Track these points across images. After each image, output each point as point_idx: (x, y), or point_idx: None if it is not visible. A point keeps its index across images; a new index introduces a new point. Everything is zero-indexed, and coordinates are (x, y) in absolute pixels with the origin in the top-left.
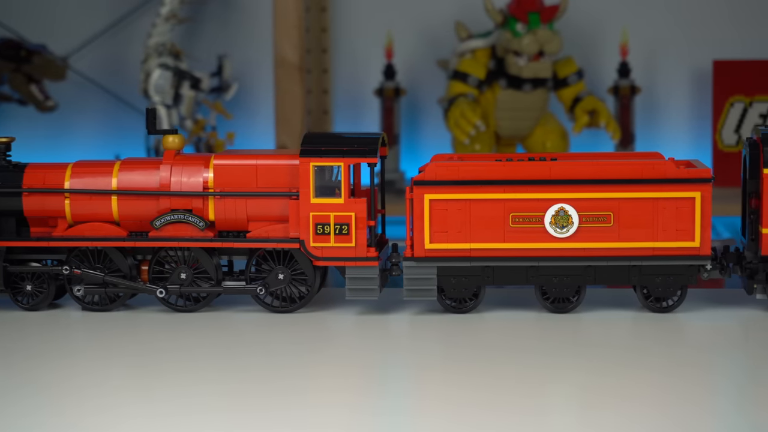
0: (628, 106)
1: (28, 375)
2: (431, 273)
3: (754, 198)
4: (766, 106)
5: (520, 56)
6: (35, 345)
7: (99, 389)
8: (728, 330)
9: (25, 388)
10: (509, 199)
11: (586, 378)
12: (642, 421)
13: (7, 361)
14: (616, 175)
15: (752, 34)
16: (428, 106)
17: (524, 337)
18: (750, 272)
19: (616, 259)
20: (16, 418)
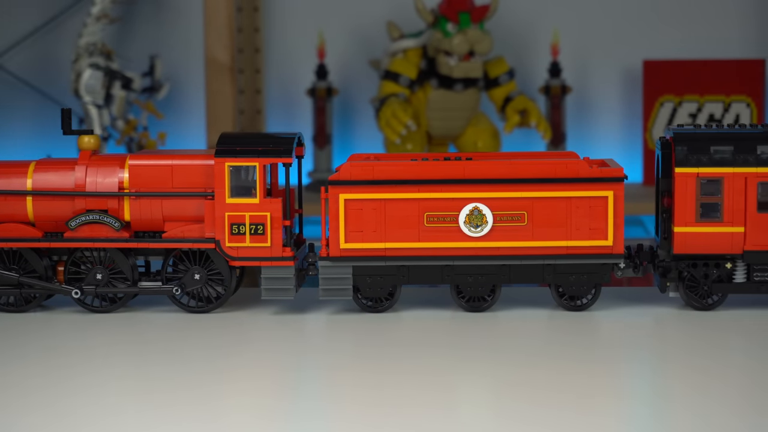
0: (559, 105)
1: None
2: (347, 273)
3: (666, 197)
4: (695, 105)
5: (450, 56)
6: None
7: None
8: (641, 327)
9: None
10: (424, 199)
11: (500, 376)
12: (552, 418)
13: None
14: (530, 174)
15: (682, 34)
16: (361, 106)
17: (440, 335)
18: (663, 270)
19: (530, 257)
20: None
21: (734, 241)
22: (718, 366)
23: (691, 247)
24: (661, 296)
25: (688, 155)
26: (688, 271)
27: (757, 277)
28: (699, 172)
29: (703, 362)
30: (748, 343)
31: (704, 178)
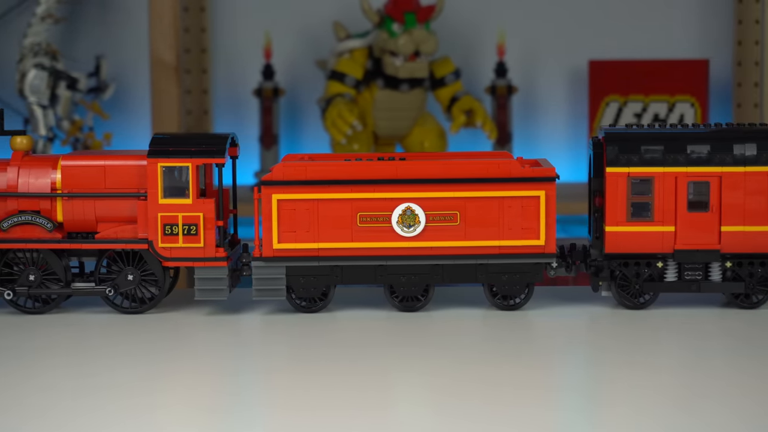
0: (505, 105)
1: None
2: (280, 273)
3: (598, 196)
4: (640, 105)
5: (396, 56)
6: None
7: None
8: (575, 326)
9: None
10: (356, 199)
11: (436, 375)
12: (489, 416)
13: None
14: (462, 174)
15: (627, 34)
16: (308, 106)
17: (375, 335)
18: (595, 270)
19: (462, 257)
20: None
21: (665, 240)
22: (650, 364)
23: (622, 247)
24: (594, 295)
25: (619, 155)
26: (619, 270)
27: (688, 276)
28: (630, 171)
29: (635, 360)
30: (680, 341)
31: (635, 177)
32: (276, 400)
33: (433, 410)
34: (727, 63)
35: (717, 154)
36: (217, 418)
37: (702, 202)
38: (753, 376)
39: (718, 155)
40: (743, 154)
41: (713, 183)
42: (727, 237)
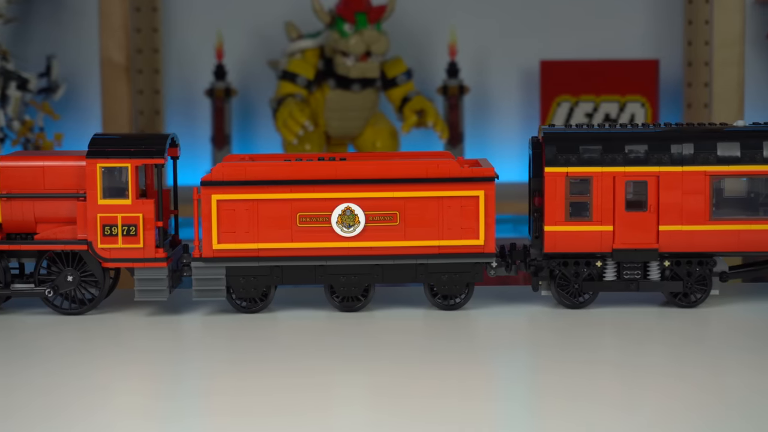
0: (457, 105)
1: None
2: (220, 273)
3: (537, 196)
4: (591, 105)
5: (347, 56)
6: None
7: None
8: (515, 325)
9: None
10: (296, 199)
11: (374, 374)
12: (429, 416)
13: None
14: (401, 174)
15: (578, 34)
16: (260, 106)
17: (316, 336)
18: (535, 269)
19: (402, 257)
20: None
21: (603, 239)
22: (590, 363)
23: (561, 246)
24: (534, 294)
25: (558, 155)
26: (559, 270)
27: (627, 275)
28: (568, 171)
29: (576, 359)
30: (619, 340)
31: (573, 177)
32: (215, 405)
33: (373, 411)
34: (677, 63)
35: (654, 153)
36: (155, 423)
37: (640, 201)
38: (691, 373)
39: (655, 155)
40: (680, 154)
41: (651, 183)
42: (665, 236)
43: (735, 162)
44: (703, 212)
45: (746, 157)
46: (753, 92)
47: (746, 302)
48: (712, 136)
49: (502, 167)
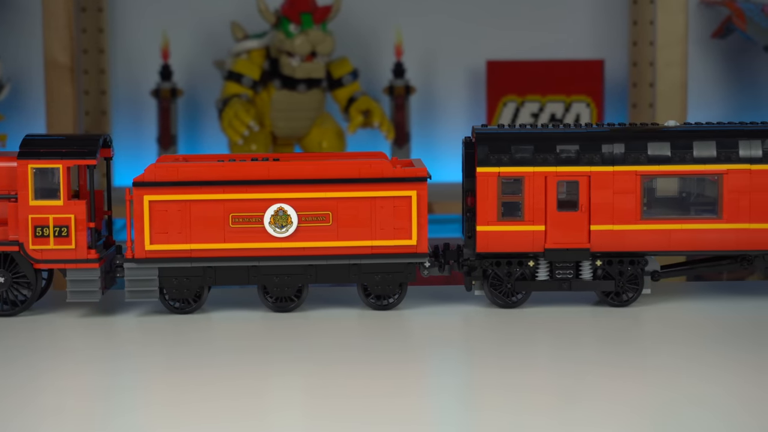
0: (403, 105)
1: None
2: (152, 274)
3: (470, 196)
4: (537, 105)
5: (293, 57)
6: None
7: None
8: (449, 325)
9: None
10: (228, 200)
11: (308, 375)
12: (364, 417)
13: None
14: (334, 174)
15: (524, 34)
16: (207, 107)
17: (250, 337)
18: (468, 269)
19: (335, 257)
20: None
21: (535, 239)
22: (524, 362)
23: (493, 246)
24: (467, 294)
25: (489, 155)
26: (491, 270)
27: (559, 275)
28: (500, 171)
29: (510, 358)
30: (553, 339)
31: (505, 177)
32: (148, 405)
33: (309, 412)
34: (622, 63)
35: (586, 153)
36: (85, 423)
37: (571, 201)
38: (623, 372)
39: (586, 155)
40: (611, 154)
41: (582, 182)
42: (597, 236)
43: (666, 162)
44: (634, 212)
45: (677, 156)
46: (698, 92)
47: (678, 301)
48: (643, 136)
49: (449, 167)
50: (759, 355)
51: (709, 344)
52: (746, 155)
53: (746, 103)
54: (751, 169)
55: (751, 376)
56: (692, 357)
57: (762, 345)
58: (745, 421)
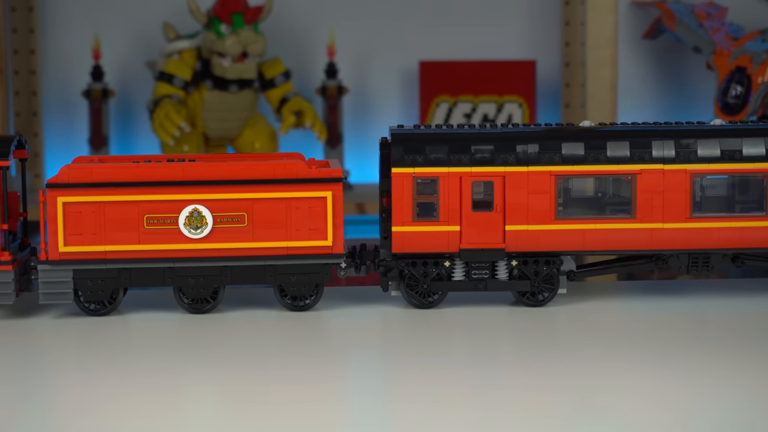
0: (336, 106)
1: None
2: (67, 276)
3: (385, 197)
4: (469, 105)
5: (224, 57)
6: None
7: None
8: (367, 326)
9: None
10: (143, 201)
11: (224, 376)
12: (275, 415)
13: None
14: (249, 175)
15: (457, 35)
16: (139, 108)
17: (165, 338)
18: (384, 270)
19: (251, 258)
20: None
21: (451, 239)
22: (441, 361)
23: (409, 247)
24: (384, 295)
25: (404, 155)
26: (408, 270)
27: (475, 275)
28: (415, 172)
29: (426, 357)
30: (469, 339)
31: (420, 177)
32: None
33: (224, 413)
34: (555, 64)
35: (500, 154)
36: None
37: (486, 201)
38: (539, 370)
39: (501, 155)
40: (526, 154)
41: (497, 183)
42: (512, 236)
43: (580, 162)
44: (549, 212)
45: (591, 157)
46: (629, 92)
47: (593, 300)
48: (557, 136)
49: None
50: (669, 354)
51: (621, 342)
52: (659, 155)
53: (677, 103)
54: (665, 169)
55: (659, 372)
56: (604, 355)
57: (674, 343)
58: (649, 414)
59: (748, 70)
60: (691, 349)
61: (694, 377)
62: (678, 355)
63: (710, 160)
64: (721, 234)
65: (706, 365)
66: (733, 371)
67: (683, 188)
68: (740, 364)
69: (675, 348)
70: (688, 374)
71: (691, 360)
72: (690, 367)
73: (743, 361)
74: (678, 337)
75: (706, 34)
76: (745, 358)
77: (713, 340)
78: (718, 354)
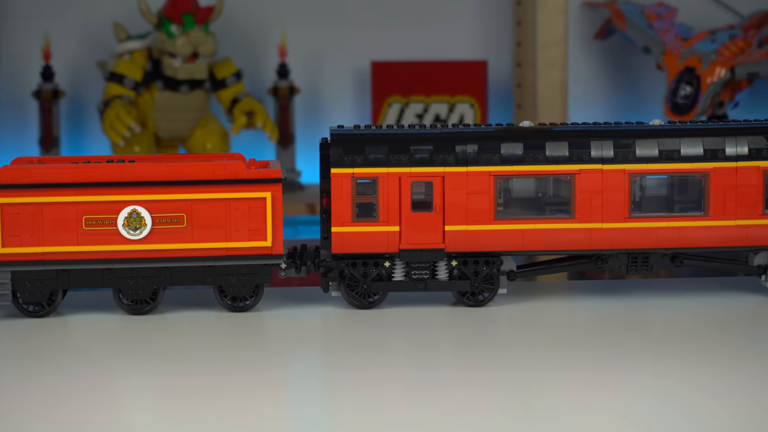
0: (287, 106)
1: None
2: (5, 278)
3: (325, 197)
4: (421, 106)
5: (174, 58)
6: None
7: None
8: (308, 326)
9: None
10: (81, 202)
11: (161, 378)
12: (212, 419)
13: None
14: (187, 176)
15: (409, 35)
16: (90, 109)
17: (105, 339)
18: (324, 270)
19: (190, 260)
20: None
21: (390, 240)
22: (382, 361)
23: (349, 247)
24: (325, 295)
25: (344, 156)
26: (348, 271)
27: (415, 275)
28: (354, 172)
29: (368, 359)
30: (410, 339)
31: (360, 178)
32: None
33: (160, 416)
34: (507, 64)
35: (439, 154)
36: None
37: (426, 202)
38: (478, 369)
39: (440, 156)
40: (465, 154)
41: (436, 183)
42: (451, 236)
43: (518, 162)
44: (488, 212)
45: (529, 157)
46: (580, 92)
47: (533, 300)
48: (496, 136)
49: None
50: (606, 352)
51: (560, 342)
52: (598, 155)
53: (627, 103)
54: (603, 169)
55: (596, 370)
56: (543, 354)
57: (611, 342)
58: (586, 412)
59: (697, 71)
60: (627, 348)
61: (629, 377)
62: (615, 354)
63: (648, 160)
64: (659, 234)
65: (642, 363)
66: (670, 369)
67: (622, 188)
68: (677, 361)
69: (612, 347)
70: (624, 373)
71: (626, 360)
72: (625, 367)
73: (680, 359)
74: (616, 336)
75: (656, 34)
76: (682, 356)
77: (652, 339)
78: (655, 352)
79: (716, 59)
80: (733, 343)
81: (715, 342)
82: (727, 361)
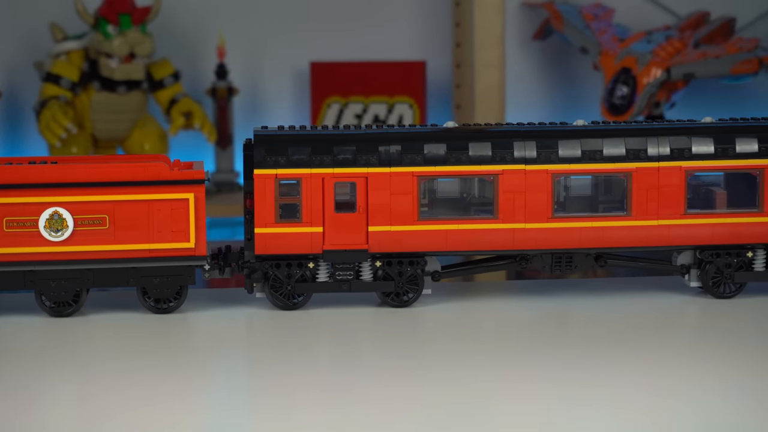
0: (226, 107)
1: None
2: None
3: (248, 198)
4: (360, 106)
5: (111, 58)
6: None
7: None
8: (232, 327)
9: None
10: (2, 204)
11: (82, 382)
12: (144, 420)
13: None
14: (109, 177)
15: (348, 35)
16: (28, 109)
17: (27, 341)
18: (249, 271)
19: (113, 261)
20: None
21: (314, 241)
22: (306, 363)
23: (272, 248)
24: (250, 296)
25: (266, 156)
26: (272, 272)
27: (339, 276)
28: (277, 173)
29: (290, 360)
30: (334, 340)
31: (282, 179)
32: None
33: (78, 419)
34: (446, 65)
35: (363, 155)
36: None
37: (349, 202)
38: (402, 369)
39: (363, 156)
40: (388, 155)
41: (360, 184)
42: (375, 237)
43: (442, 162)
44: (411, 213)
45: (453, 157)
46: (519, 93)
47: (457, 300)
48: (419, 137)
49: None
50: (530, 351)
51: (484, 340)
52: (521, 156)
53: (565, 103)
54: (526, 169)
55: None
56: (468, 351)
57: (535, 341)
58: (513, 410)
59: (634, 71)
60: (550, 346)
61: (554, 371)
62: (538, 352)
63: (571, 161)
64: (582, 234)
65: (565, 362)
66: (590, 371)
67: (545, 188)
68: (598, 362)
69: (536, 345)
70: (548, 369)
71: (552, 356)
72: (550, 363)
73: (601, 359)
74: (539, 335)
75: (593, 35)
76: (603, 357)
77: (574, 337)
78: (578, 351)
79: (652, 60)
80: (651, 340)
81: (633, 340)
82: (638, 359)
